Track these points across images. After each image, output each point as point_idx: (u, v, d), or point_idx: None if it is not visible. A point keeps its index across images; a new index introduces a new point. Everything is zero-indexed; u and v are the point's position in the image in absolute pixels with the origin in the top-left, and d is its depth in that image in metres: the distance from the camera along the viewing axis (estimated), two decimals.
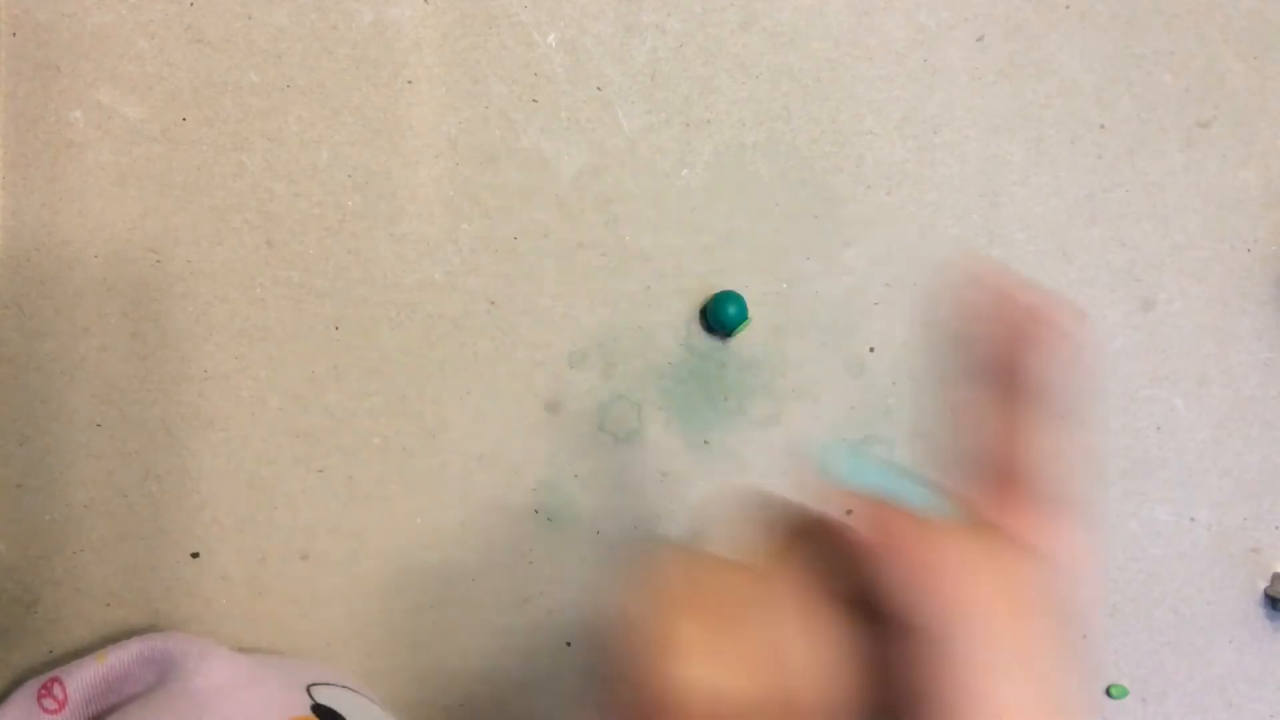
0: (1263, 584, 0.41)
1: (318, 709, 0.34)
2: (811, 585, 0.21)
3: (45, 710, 0.33)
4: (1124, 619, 0.41)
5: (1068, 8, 0.40)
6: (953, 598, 0.19)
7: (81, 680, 0.34)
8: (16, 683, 0.35)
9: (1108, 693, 0.42)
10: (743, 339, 0.39)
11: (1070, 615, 0.20)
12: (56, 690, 0.34)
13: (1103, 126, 0.40)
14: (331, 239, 0.38)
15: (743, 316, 0.38)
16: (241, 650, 0.37)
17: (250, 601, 0.38)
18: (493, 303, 0.38)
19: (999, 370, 0.22)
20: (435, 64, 0.38)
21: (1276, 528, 0.41)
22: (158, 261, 0.37)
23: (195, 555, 0.38)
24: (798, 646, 0.20)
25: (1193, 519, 0.40)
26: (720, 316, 0.38)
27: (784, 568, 0.21)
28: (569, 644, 0.39)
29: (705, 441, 0.39)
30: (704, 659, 0.20)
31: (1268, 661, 0.41)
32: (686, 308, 0.39)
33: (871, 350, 0.40)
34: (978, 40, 0.40)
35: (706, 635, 0.20)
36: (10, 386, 0.37)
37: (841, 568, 0.21)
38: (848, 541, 0.20)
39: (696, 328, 0.39)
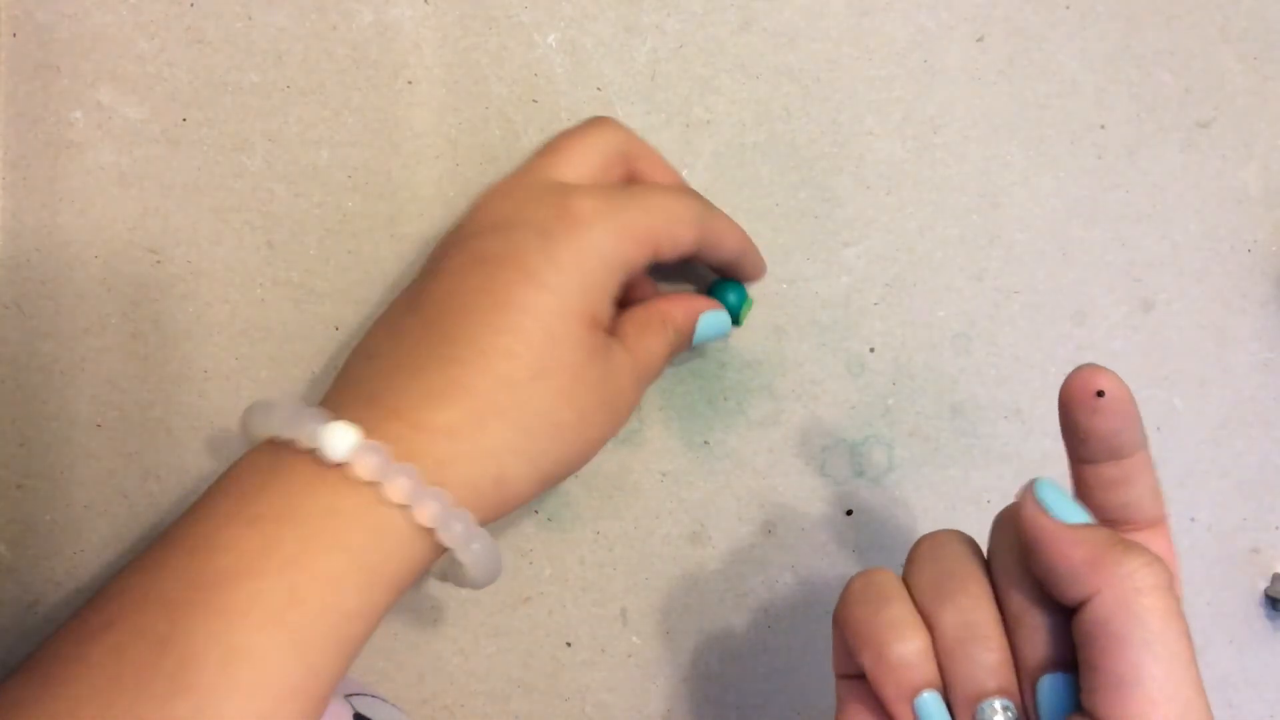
0: (1263, 584, 0.41)
1: (359, 719, 0.33)
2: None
3: None
4: None
5: (1068, 8, 0.40)
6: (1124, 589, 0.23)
7: None
8: None
9: None
10: (743, 339, 0.39)
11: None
12: None
13: (1103, 126, 0.40)
14: (331, 239, 0.38)
15: (743, 299, 0.38)
16: None
17: None
18: None
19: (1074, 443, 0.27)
20: (435, 64, 0.38)
21: (1276, 528, 0.41)
22: (158, 261, 0.37)
23: None
24: None
25: (1193, 519, 0.40)
26: (721, 304, 0.38)
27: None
28: (569, 644, 0.39)
29: (705, 442, 0.39)
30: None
31: (1268, 662, 0.41)
32: None
33: (871, 350, 0.40)
34: (978, 40, 0.40)
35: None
36: (10, 386, 0.37)
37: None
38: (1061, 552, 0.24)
39: None
